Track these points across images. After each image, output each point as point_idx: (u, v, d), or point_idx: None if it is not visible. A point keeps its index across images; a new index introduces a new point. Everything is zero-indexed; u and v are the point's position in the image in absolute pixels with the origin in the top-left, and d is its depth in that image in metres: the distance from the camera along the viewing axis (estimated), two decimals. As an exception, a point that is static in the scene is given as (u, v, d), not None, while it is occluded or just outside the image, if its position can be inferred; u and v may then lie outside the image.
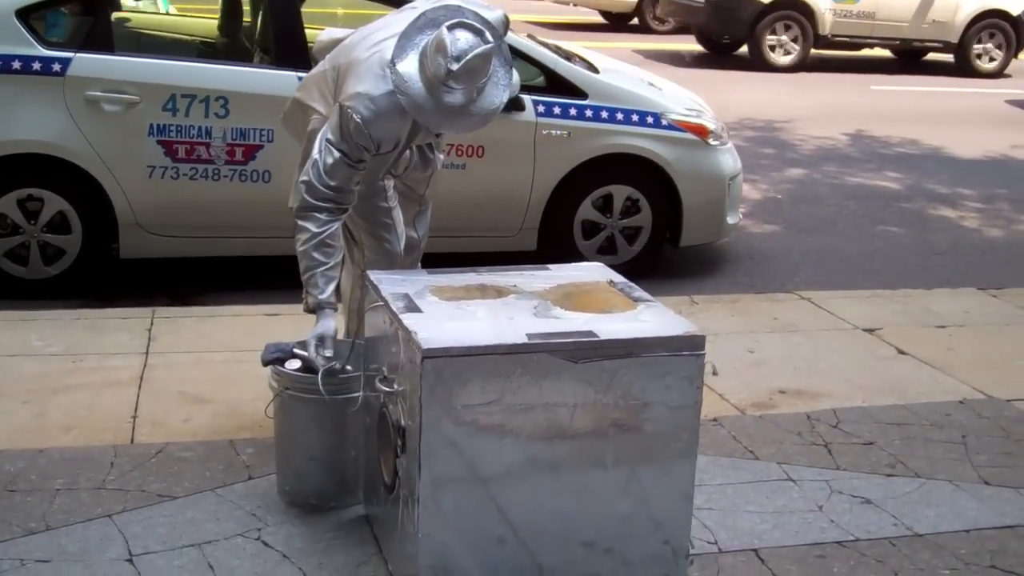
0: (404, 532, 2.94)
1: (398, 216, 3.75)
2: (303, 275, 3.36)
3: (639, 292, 3.23)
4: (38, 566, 3.01)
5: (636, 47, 15.78)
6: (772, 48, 14.38)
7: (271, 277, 5.31)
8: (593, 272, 3.42)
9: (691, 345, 2.91)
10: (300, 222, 3.36)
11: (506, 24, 3.65)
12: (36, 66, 5.08)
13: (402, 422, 2.89)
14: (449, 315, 2.95)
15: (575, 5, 19.11)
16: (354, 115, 3.26)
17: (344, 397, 3.25)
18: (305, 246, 3.34)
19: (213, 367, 4.40)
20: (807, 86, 13.31)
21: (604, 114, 5.76)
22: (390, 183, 3.71)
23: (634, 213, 5.95)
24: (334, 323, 3.37)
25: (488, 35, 3.13)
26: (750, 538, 3.39)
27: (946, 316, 5.52)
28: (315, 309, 3.35)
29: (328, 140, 3.32)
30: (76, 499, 3.34)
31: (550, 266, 3.44)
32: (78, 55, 5.15)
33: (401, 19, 3.36)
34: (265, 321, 4.90)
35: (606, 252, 5.89)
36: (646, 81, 6.42)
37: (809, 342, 5.09)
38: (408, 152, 3.62)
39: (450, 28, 3.10)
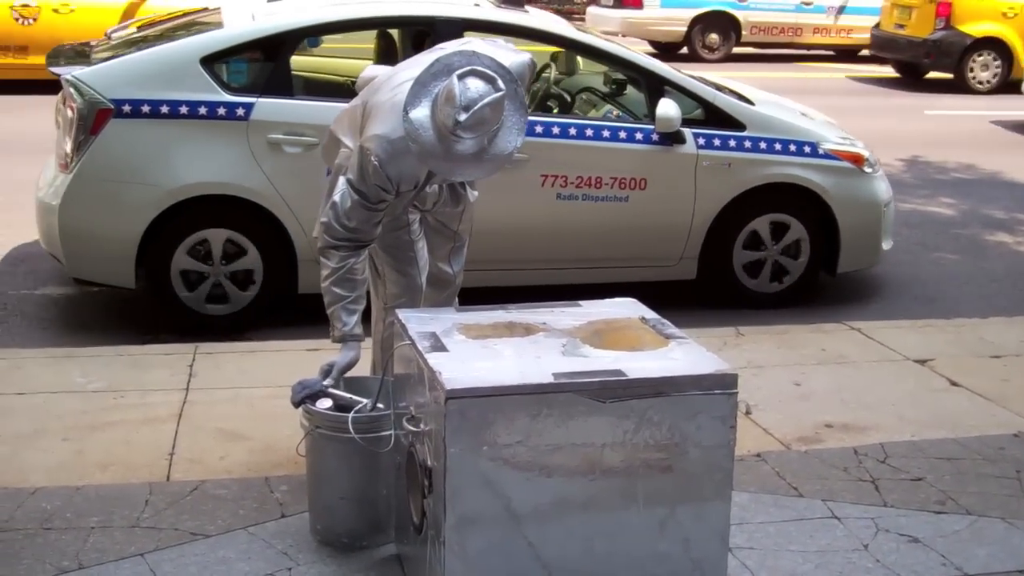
0: (432, 573, 2.90)
1: (422, 250, 3.76)
2: (328, 309, 3.43)
3: (671, 329, 3.17)
4: (69, 606, 3.02)
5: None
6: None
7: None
8: (625, 308, 3.37)
9: (723, 384, 2.85)
10: (322, 259, 3.43)
11: (532, 69, 3.63)
12: (221, 111, 5.29)
13: (428, 462, 2.86)
14: (475, 354, 2.92)
15: (624, 36, 19.13)
16: (372, 157, 3.27)
17: (375, 436, 3.23)
18: (327, 282, 3.41)
19: (252, 403, 4.40)
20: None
21: (763, 145, 5.90)
22: (415, 217, 3.71)
23: (791, 241, 6.07)
24: (355, 354, 3.44)
25: (500, 82, 3.10)
26: (791, 579, 3.31)
27: (1001, 346, 5.38)
28: (341, 341, 3.42)
29: (349, 180, 3.35)
30: (110, 537, 3.35)
31: (582, 303, 3.39)
32: (260, 100, 5.36)
33: (426, 60, 3.35)
34: (307, 356, 4.87)
35: (763, 279, 6.09)
36: (799, 111, 6.57)
37: (858, 374, 4.98)
38: (436, 187, 3.61)
39: (461, 76, 3.08)
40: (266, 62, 5.57)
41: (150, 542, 3.33)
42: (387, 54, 6.31)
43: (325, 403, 3.34)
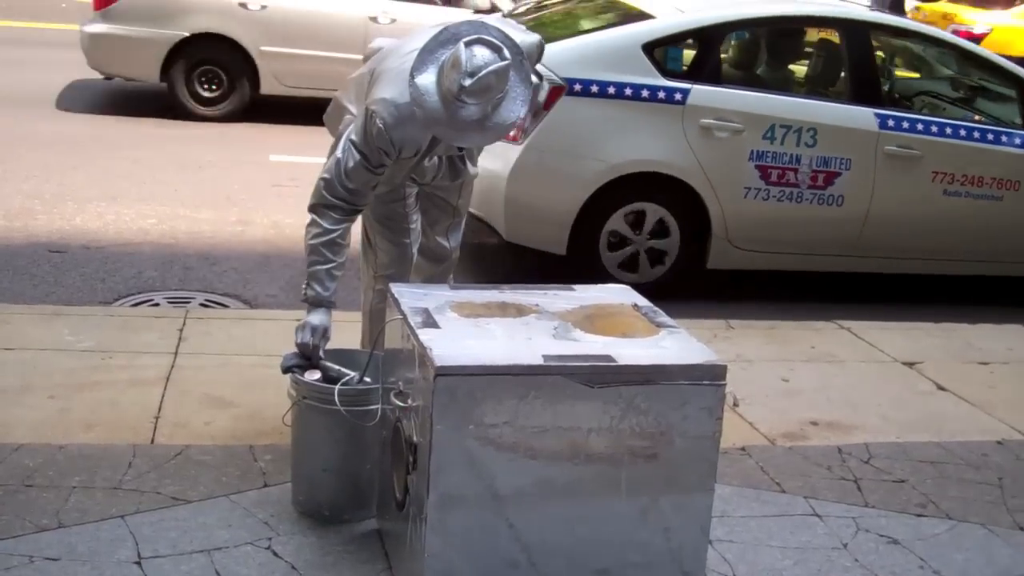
0: (412, 550, 2.90)
1: (416, 223, 3.78)
2: (309, 268, 3.42)
3: (663, 317, 3.17)
4: (47, 564, 3.01)
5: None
6: None
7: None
8: (618, 295, 3.37)
9: (712, 375, 2.85)
10: (314, 217, 3.42)
11: (540, 49, 3.64)
12: (660, 95, 5.75)
13: (414, 438, 2.85)
14: (466, 333, 2.91)
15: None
16: (377, 119, 3.28)
17: (361, 409, 3.22)
18: (315, 241, 3.40)
19: (240, 370, 4.39)
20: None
21: None
22: (412, 190, 3.71)
23: None
24: (328, 319, 3.43)
25: (506, 52, 3.11)
26: (770, 574, 3.31)
27: (989, 352, 5.39)
28: (315, 304, 3.41)
29: (352, 141, 3.36)
30: (91, 498, 3.34)
31: (575, 287, 3.39)
32: (695, 87, 5.82)
33: (433, 30, 3.35)
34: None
35: None
36: None
37: (845, 373, 4.99)
38: (436, 160, 3.61)
39: (468, 44, 3.09)
40: (701, 51, 6.06)
41: (131, 504, 3.33)
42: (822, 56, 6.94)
43: (314, 374, 3.34)
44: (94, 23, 9.46)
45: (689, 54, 6.14)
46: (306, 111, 8.67)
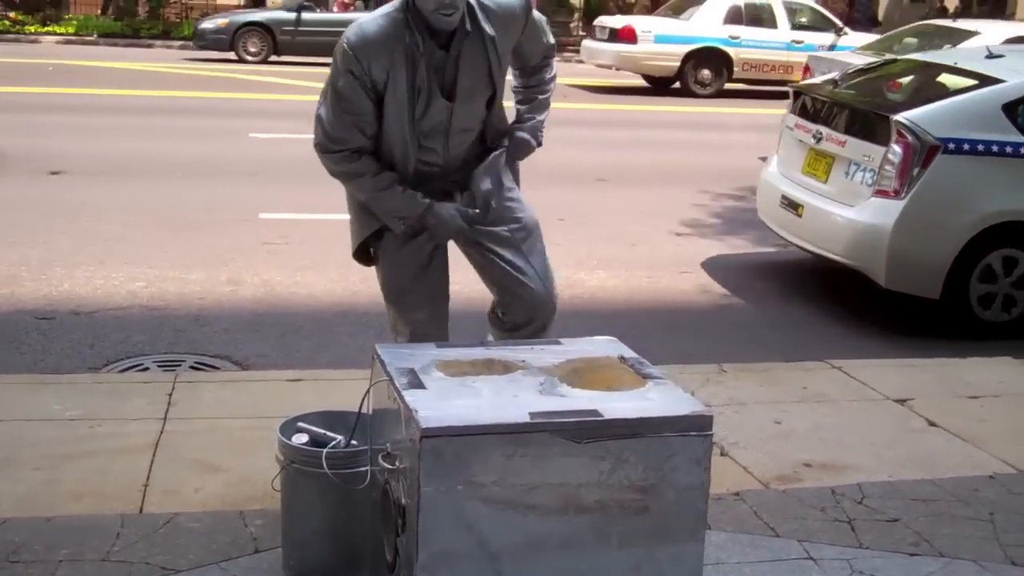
0: (405, 612, 2.88)
1: (427, 287, 3.81)
2: (387, 205, 3.55)
3: (649, 368, 3.17)
4: (36, 641, 2.99)
5: (680, 110, 15.87)
6: None
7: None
8: (604, 347, 3.37)
9: (698, 425, 2.84)
10: (345, 182, 3.57)
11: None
12: (1022, 151, 6.32)
13: (402, 500, 2.84)
14: (453, 392, 2.91)
15: (617, 70, 19.29)
16: (343, 42, 3.35)
17: (349, 472, 3.21)
18: (367, 192, 3.58)
19: (230, 433, 4.37)
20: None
21: None
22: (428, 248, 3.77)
23: None
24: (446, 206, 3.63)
25: None
26: (765, 621, 3.30)
27: (980, 386, 5.39)
28: (414, 210, 3.55)
29: (328, 85, 3.45)
30: (79, 571, 3.31)
31: (562, 340, 3.39)
32: None
33: None
34: (288, 387, 4.89)
35: None
36: None
37: (838, 413, 4.98)
38: (437, 108, 3.58)
39: None
40: None
41: (120, 576, 3.30)
42: None
43: (301, 438, 3.32)
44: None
45: None
46: (295, 167, 8.71)
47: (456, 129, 3.66)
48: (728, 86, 19.10)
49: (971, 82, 6.75)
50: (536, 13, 3.83)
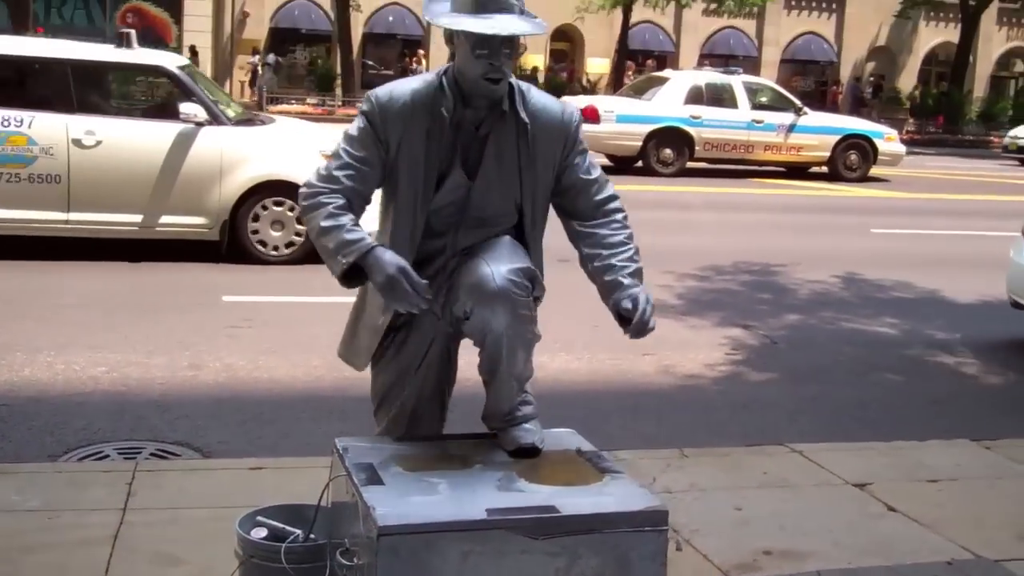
0: None
1: (418, 384, 3.56)
2: (330, 244, 3.20)
3: (607, 462, 3.21)
4: None
5: (643, 189, 16.07)
6: None
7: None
8: (563, 439, 3.41)
9: (653, 520, 2.88)
10: (305, 215, 3.31)
11: None
12: None
13: (361, 598, 2.85)
14: (411, 488, 2.93)
15: (584, 149, 19.57)
16: (371, 93, 3.34)
17: (308, 567, 3.21)
18: (314, 229, 3.25)
19: (191, 524, 4.34)
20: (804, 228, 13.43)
21: None
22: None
23: None
24: (391, 253, 3.18)
25: None
26: None
27: (938, 469, 5.44)
28: (363, 256, 3.15)
29: (342, 138, 3.39)
30: (35, 670, 3.28)
31: (520, 434, 3.42)
32: None
33: None
34: (250, 475, 4.87)
35: None
36: None
37: (798, 499, 5.01)
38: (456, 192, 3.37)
39: None
40: None
41: (77, 674, 3.27)
42: None
43: (260, 532, 3.33)
44: None
45: None
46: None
47: (472, 216, 3.39)
48: (690, 165, 19.41)
49: None
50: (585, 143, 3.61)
